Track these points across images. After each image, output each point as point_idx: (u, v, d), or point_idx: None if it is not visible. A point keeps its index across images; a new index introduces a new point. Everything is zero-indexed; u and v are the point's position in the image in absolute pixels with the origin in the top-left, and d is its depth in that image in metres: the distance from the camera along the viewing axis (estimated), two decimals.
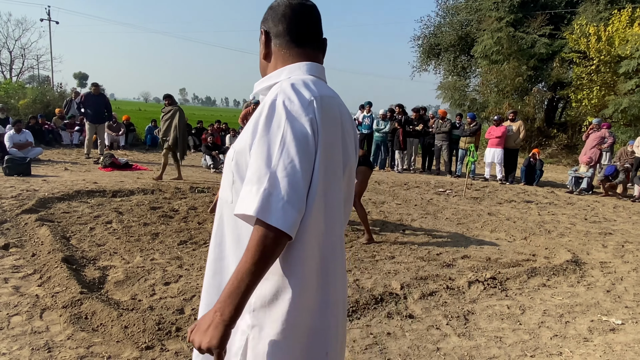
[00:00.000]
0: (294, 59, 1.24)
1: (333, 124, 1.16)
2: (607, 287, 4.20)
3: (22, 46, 39.00)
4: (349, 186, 1.29)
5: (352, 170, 1.27)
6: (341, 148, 1.19)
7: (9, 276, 3.65)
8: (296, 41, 1.24)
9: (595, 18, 15.90)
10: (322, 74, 1.26)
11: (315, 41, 1.27)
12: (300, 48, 1.25)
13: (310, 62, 1.24)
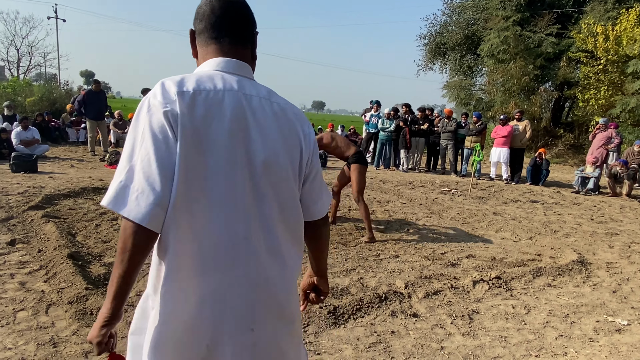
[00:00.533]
0: (209, 55, 1.26)
1: (209, 118, 1.11)
2: (613, 288, 4.18)
3: (29, 44, 39.22)
4: (273, 183, 1.19)
5: (273, 166, 1.19)
6: (232, 142, 1.13)
7: (15, 272, 3.68)
8: (213, 37, 1.25)
9: (603, 17, 15.79)
10: (233, 68, 1.23)
11: (233, 36, 1.25)
12: (217, 44, 1.25)
13: (220, 57, 1.24)
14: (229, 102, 1.15)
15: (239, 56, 1.26)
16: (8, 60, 38.83)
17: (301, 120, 1.29)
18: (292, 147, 1.24)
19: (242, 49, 1.27)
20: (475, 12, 19.76)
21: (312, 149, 1.30)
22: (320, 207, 1.37)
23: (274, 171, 1.20)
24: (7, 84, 16.42)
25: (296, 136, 1.25)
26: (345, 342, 2.90)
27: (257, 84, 1.26)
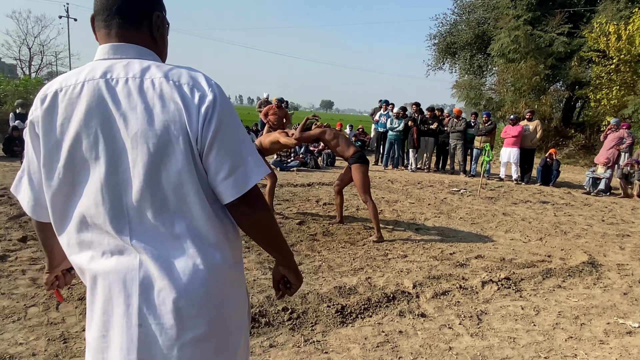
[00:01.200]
0: (99, 43, 1.19)
1: (68, 115, 1.09)
2: (624, 290, 4.13)
3: (41, 43, 39.61)
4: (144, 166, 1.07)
5: (140, 148, 1.07)
6: (89, 134, 1.08)
7: (27, 268, 3.72)
8: (99, 23, 1.18)
9: (616, 16, 15.61)
10: (107, 53, 1.14)
11: (115, 19, 1.15)
12: (102, 30, 1.17)
13: (101, 45, 1.17)
14: (86, 93, 1.08)
15: (123, 39, 1.15)
16: (20, 59, 39.27)
17: (184, 88, 1.09)
18: (168, 121, 1.06)
19: (126, 31, 1.16)
20: (485, 11, 19.62)
21: (204, 116, 1.08)
22: (225, 186, 1.11)
23: (143, 153, 1.06)
24: (19, 83, 16.60)
25: (173, 108, 1.07)
26: (352, 342, 2.90)
27: (135, 64, 1.11)
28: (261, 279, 3.82)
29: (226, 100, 1.13)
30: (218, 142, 1.09)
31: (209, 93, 1.09)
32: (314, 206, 6.92)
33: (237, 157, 1.12)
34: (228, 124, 1.11)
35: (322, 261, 4.38)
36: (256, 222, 1.18)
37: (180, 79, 1.09)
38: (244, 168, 1.12)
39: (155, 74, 1.09)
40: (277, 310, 3.15)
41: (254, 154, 1.15)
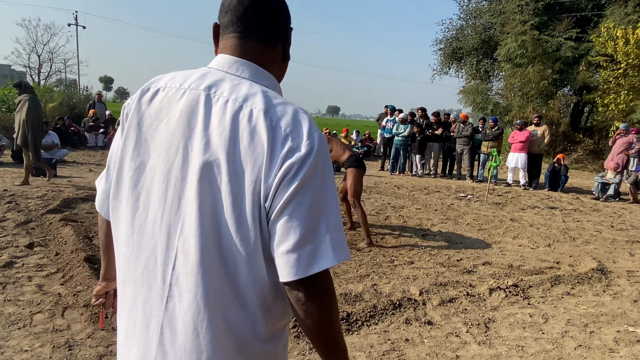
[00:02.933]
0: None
1: (159, 117, 0.99)
2: (634, 297, 4.07)
3: (50, 50, 40.04)
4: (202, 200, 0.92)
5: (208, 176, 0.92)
6: (172, 144, 0.96)
7: (33, 274, 3.73)
8: (222, 32, 1.08)
9: (623, 21, 15.53)
10: (221, 64, 1.04)
11: (237, 30, 1.04)
12: (223, 40, 1.08)
13: (220, 54, 1.07)
14: (183, 101, 0.98)
15: (239, 52, 1.04)
16: (29, 67, 39.72)
17: (278, 131, 0.91)
18: (249, 161, 0.90)
19: (244, 43, 1.04)
20: (492, 16, 19.59)
21: (285, 173, 0.88)
22: (283, 262, 0.89)
23: (206, 186, 0.92)
24: None
25: (258, 150, 0.90)
26: (358, 350, 2.88)
27: (244, 86, 0.97)
28: None
29: (323, 159, 0.93)
30: (292, 208, 0.89)
31: (303, 147, 0.90)
32: None
33: (310, 231, 0.89)
34: (313, 188, 0.90)
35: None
36: (309, 315, 0.92)
37: (280, 120, 0.92)
38: (313, 247, 0.89)
39: (257, 105, 0.93)
40: None
41: (335, 233, 0.92)
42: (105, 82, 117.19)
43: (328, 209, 0.92)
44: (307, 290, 0.90)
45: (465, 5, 21.53)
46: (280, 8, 1.06)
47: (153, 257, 0.96)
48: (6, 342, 2.69)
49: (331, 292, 0.94)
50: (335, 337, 0.96)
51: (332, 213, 0.93)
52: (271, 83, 1.04)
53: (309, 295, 0.90)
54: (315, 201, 0.90)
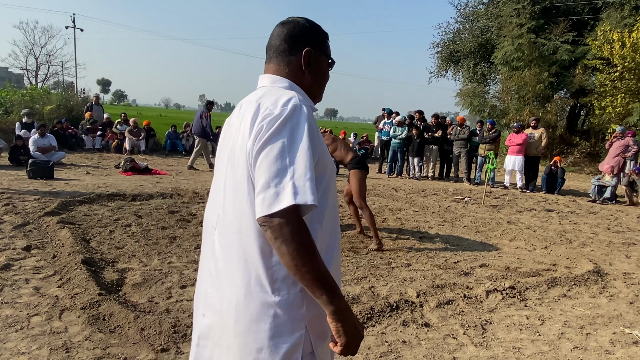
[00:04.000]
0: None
1: (228, 124, 1.36)
2: (630, 299, 4.09)
3: (47, 53, 40.10)
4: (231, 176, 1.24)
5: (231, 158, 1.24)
6: (226, 141, 1.32)
7: (30, 277, 3.73)
8: (266, 58, 1.43)
9: (620, 24, 15.61)
10: (258, 82, 1.38)
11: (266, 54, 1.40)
12: (265, 64, 1.42)
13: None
14: (235, 112, 1.32)
15: (267, 70, 1.37)
16: (27, 69, 39.73)
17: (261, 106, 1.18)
18: (245, 137, 1.17)
19: (268, 63, 1.38)
20: (488, 19, 19.68)
21: (258, 129, 1.13)
22: (256, 204, 1.09)
23: (231, 163, 1.24)
24: (25, 92, 16.75)
25: (248, 124, 1.17)
26: None
27: (260, 90, 1.30)
28: None
29: (296, 120, 1.13)
30: (262, 157, 1.10)
31: (275, 112, 1.14)
32: None
33: (275, 176, 1.07)
34: (281, 142, 1.09)
35: None
36: (281, 253, 1.07)
37: (267, 102, 1.18)
38: (277, 190, 1.05)
39: (259, 98, 1.23)
40: None
41: (299, 181, 1.06)
42: (103, 84, 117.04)
43: (296, 161, 1.08)
44: (272, 228, 1.05)
45: (463, 8, 21.63)
46: (295, 34, 1.34)
47: (209, 220, 1.33)
48: (3, 345, 2.68)
49: (299, 232, 1.05)
50: (310, 272, 1.06)
51: (300, 164, 1.08)
52: (285, 85, 1.31)
53: (275, 234, 1.05)
54: (281, 152, 1.08)
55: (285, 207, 1.04)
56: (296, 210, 1.06)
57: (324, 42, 1.39)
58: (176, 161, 12.71)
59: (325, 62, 1.39)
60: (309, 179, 1.07)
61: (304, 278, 1.07)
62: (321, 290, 1.08)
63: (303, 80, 1.34)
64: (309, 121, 1.15)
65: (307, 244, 1.06)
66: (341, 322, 1.11)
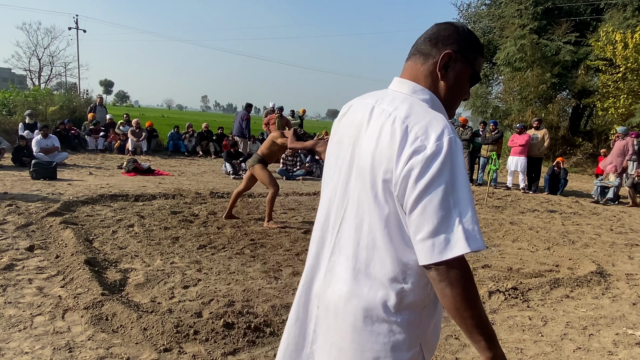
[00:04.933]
0: None
1: (343, 126, 1.32)
2: (633, 300, 4.08)
3: (50, 54, 40.22)
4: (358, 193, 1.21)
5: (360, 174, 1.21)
6: (345, 148, 1.27)
7: (34, 277, 3.74)
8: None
9: (622, 25, 15.58)
10: (392, 84, 1.32)
11: (410, 54, 1.33)
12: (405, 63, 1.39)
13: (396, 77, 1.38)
14: (358, 111, 1.26)
15: (404, 73, 1.30)
16: (30, 70, 39.85)
17: (410, 133, 1.09)
18: (383, 158, 1.12)
19: (407, 61, 1.30)
20: (491, 20, 19.66)
21: (409, 170, 1.07)
22: (420, 248, 1.07)
23: (360, 180, 1.18)
24: (28, 93, 16.79)
25: (390, 150, 1.11)
26: None
27: (398, 99, 1.20)
28: (266, 288, 3.82)
29: (453, 159, 1.06)
30: (424, 203, 1.05)
31: (429, 148, 1.06)
32: None
33: (443, 222, 1.04)
34: (444, 185, 1.04)
35: None
36: (444, 295, 1.07)
37: (415, 125, 1.10)
38: (447, 236, 1.04)
39: (401, 113, 1.14)
40: (282, 320, 3.14)
41: (468, 225, 1.04)
42: (106, 85, 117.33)
43: (461, 203, 1.05)
44: (439, 273, 1.05)
45: (465, 9, 21.62)
46: (441, 35, 1.25)
47: (327, 222, 1.29)
48: (7, 344, 2.69)
49: (465, 277, 1.05)
50: (472, 318, 1.08)
51: (465, 207, 1.05)
52: (426, 97, 1.23)
53: (441, 278, 1.05)
54: (445, 196, 1.04)
55: (458, 255, 1.03)
56: (463, 256, 1.05)
57: (472, 52, 1.25)
58: (178, 162, 12.73)
59: (466, 73, 1.26)
60: (476, 222, 1.05)
61: (465, 322, 1.08)
62: (480, 337, 1.10)
63: (438, 87, 1.25)
64: (462, 156, 1.10)
65: (471, 290, 1.06)
66: None
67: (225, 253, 4.73)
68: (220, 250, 4.82)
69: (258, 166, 5.92)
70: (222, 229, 5.68)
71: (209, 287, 3.77)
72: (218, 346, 2.81)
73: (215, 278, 4.00)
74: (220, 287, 3.78)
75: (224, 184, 9.13)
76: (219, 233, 5.47)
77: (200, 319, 3.11)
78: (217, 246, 4.93)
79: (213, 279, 3.98)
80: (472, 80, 1.29)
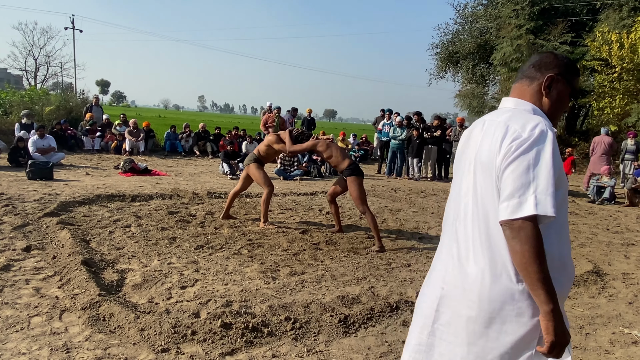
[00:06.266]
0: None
1: (465, 137, 1.62)
2: (629, 299, 4.10)
3: (46, 54, 40.06)
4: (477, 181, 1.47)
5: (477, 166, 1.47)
6: (465, 151, 1.58)
7: (30, 277, 3.73)
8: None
9: (618, 25, 15.64)
10: (501, 103, 1.62)
11: (517, 78, 1.62)
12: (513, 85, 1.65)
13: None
14: (478, 127, 1.54)
15: (512, 93, 1.60)
16: (26, 70, 39.68)
17: (510, 129, 1.38)
18: (492, 152, 1.40)
19: (514, 84, 1.60)
20: (487, 20, 19.71)
21: (507, 148, 1.34)
22: (500, 209, 1.32)
23: (474, 170, 1.46)
24: (25, 93, 16.74)
25: (495, 142, 1.40)
26: (355, 352, 2.89)
27: (505, 113, 1.49)
28: (264, 288, 3.82)
29: (542, 143, 1.33)
30: (509, 171, 1.32)
31: (524, 135, 1.34)
32: (317, 215, 6.92)
33: (519, 188, 1.29)
34: (527, 160, 1.31)
35: (325, 270, 4.37)
36: (513, 251, 1.30)
37: (514, 124, 1.39)
38: (520, 200, 1.28)
39: (503, 119, 1.44)
40: (279, 320, 3.14)
41: (540, 195, 1.27)
42: (102, 85, 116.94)
43: (540, 177, 1.29)
44: (511, 231, 1.29)
45: (462, 9, 21.66)
46: (543, 62, 1.54)
47: (449, 215, 1.62)
48: (4, 345, 2.69)
49: (533, 236, 1.27)
50: (536, 273, 1.27)
51: (542, 180, 1.29)
52: (528, 108, 1.50)
53: (513, 235, 1.29)
54: (527, 169, 1.30)
55: (527, 215, 1.27)
56: (534, 219, 1.27)
57: (570, 75, 1.54)
58: (175, 162, 12.71)
59: (566, 91, 1.54)
60: (550, 194, 1.28)
61: (529, 275, 1.28)
62: (541, 290, 1.28)
63: (542, 103, 1.52)
64: (553, 144, 1.34)
65: (537, 247, 1.27)
66: (553, 322, 1.28)
67: (223, 253, 4.73)
68: (217, 250, 4.82)
69: (253, 165, 5.92)
70: (220, 229, 5.68)
71: (206, 288, 3.76)
72: (216, 346, 2.81)
73: (213, 278, 3.99)
74: (217, 288, 3.78)
75: (221, 184, 9.12)
76: (217, 233, 5.47)
77: (198, 320, 3.11)
78: (214, 246, 4.93)
79: (210, 279, 3.98)
80: (571, 96, 1.57)
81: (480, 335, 1.39)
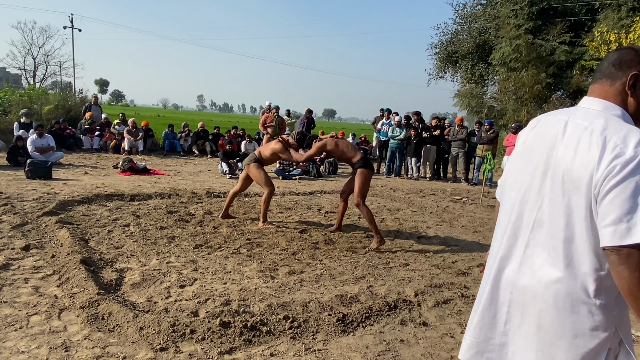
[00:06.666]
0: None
1: (536, 137, 1.50)
2: None
3: (45, 53, 39.96)
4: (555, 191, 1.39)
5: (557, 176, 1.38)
6: (540, 156, 1.46)
7: (29, 276, 3.73)
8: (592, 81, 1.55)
9: (617, 25, 15.66)
10: (582, 102, 1.50)
11: (597, 78, 1.50)
12: (591, 85, 1.52)
13: (585, 96, 1.53)
14: (554, 128, 1.43)
15: (592, 94, 1.48)
16: (25, 69, 39.60)
17: (609, 142, 1.28)
18: (584, 164, 1.30)
19: (594, 84, 1.49)
20: (486, 20, 19.72)
21: (611, 169, 1.24)
22: (603, 232, 1.24)
23: (557, 183, 1.37)
24: (23, 93, 16.71)
25: (589, 156, 1.29)
26: (354, 350, 2.90)
27: (591, 114, 1.39)
28: (262, 287, 3.83)
29: None
30: (614, 194, 1.22)
31: (629, 152, 1.23)
32: (316, 214, 6.93)
33: (627, 213, 1.21)
34: (634, 183, 1.21)
35: (324, 269, 4.38)
36: (620, 277, 1.23)
37: (613, 136, 1.28)
38: (629, 225, 1.20)
39: (598, 126, 1.32)
40: (278, 319, 3.15)
41: None
42: (101, 84, 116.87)
43: None
44: (619, 256, 1.21)
45: (461, 9, 21.66)
46: (624, 59, 1.43)
47: (519, 220, 1.47)
48: (3, 344, 2.69)
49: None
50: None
51: None
52: (618, 113, 1.40)
53: (620, 261, 1.21)
54: (635, 193, 1.21)
55: (637, 243, 1.19)
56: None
57: None
58: (174, 161, 12.71)
59: None
60: None
61: (636, 302, 1.22)
62: None
63: (627, 104, 1.43)
64: None
65: None
66: None
67: (222, 252, 4.74)
68: (216, 249, 4.82)
69: (253, 165, 5.92)
70: (219, 228, 5.68)
71: (205, 287, 3.77)
72: (214, 345, 2.82)
73: (212, 277, 4.00)
74: (216, 287, 3.79)
75: (220, 184, 9.12)
76: (215, 232, 5.48)
77: (197, 318, 3.12)
78: (213, 246, 4.94)
79: (209, 278, 3.98)
80: None
81: (551, 344, 1.39)
